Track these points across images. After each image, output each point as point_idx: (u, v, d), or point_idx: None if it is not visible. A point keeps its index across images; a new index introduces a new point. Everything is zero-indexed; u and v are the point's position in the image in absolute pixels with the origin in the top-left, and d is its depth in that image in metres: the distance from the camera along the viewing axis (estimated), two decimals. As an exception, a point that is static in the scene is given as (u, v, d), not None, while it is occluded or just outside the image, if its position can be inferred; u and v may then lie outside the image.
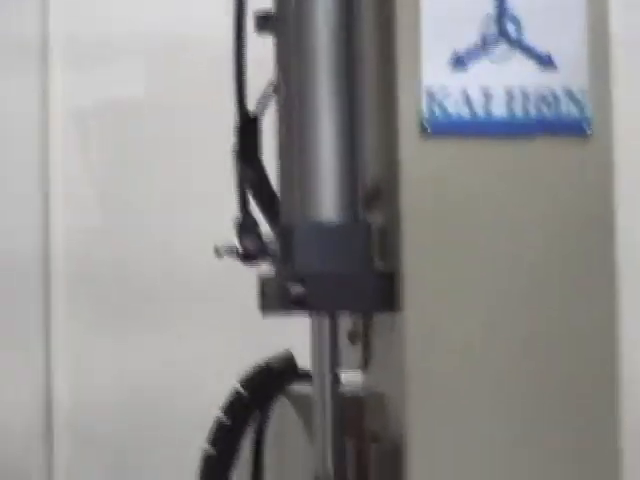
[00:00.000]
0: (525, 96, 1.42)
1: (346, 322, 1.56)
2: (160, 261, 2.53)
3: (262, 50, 1.61)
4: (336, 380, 1.49)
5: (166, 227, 2.51)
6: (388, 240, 1.45)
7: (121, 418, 2.58)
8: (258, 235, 1.55)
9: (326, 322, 1.49)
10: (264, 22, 1.61)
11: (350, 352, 1.55)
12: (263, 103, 1.63)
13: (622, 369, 1.46)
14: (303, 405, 1.57)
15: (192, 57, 1.69)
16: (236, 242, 1.55)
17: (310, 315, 1.50)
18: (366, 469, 1.42)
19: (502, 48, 1.41)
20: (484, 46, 1.42)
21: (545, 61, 1.42)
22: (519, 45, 1.42)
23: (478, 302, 1.43)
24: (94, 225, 2.69)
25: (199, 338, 2.50)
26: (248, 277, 1.61)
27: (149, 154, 2.68)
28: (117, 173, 2.70)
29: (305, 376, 1.57)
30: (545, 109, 1.43)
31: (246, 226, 1.58)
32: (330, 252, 1.46)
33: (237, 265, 1.56)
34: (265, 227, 1.59)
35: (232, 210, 1.60)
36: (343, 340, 1.54)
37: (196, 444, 1.59)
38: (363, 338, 1.54)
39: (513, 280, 1.43)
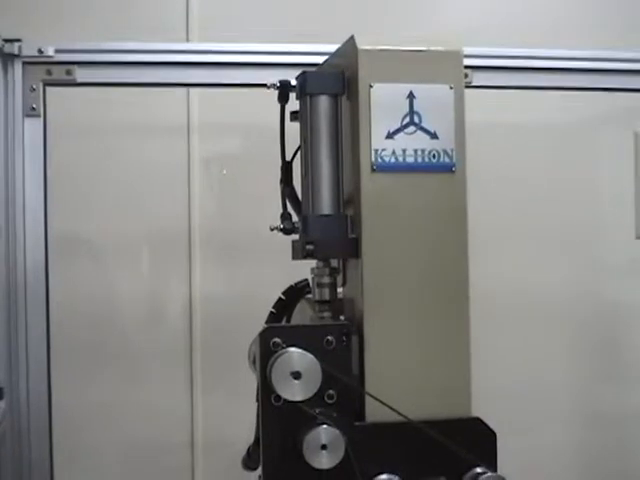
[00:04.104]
0: (423, 152, 1.78)
1: (333, 262, 1.88)
2: (249, 232, 3.12)
3: (293, 128, 1.98)
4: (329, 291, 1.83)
5: (253, 214, 2.94)
6: (355, 223, 1.78)
7: (232, 311, 3.21)
8: (291, 220, 1.92)
9: (324, 263, 1.87)
10: (294, 115, 1.96)
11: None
12: (294, 154, 1.99)
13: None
14: (312, 303, 1.94)
15: (268, 130, 2.04)
16: (281, 224, 1.92)
17: (316, 260, 1.85)
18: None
19: (411, 128, 1.78)
20: (403, 128, 1.78)
21: (433, 135, 1.78)
22: (420, 127, 1.78)
23: (398, 251, 1.76)
24: (215, 213, 3.26)
25: (268, 272, 3.04)
26: (288, 241, 1.95)
27: (250, 180, 3.20)
28: (229, 188, 3.30)
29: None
30: (433, 159, 1.78)
31: (285, 216, 1.94)
32: (325, 228, 1.80)
33: (282, 236, 1.95)
34: (294, 217, 1.97)
35: (278, 208, 1.98)
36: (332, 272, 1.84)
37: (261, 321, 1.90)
38: (343, 271, 1.88)
39: (416, 242, 1.78)
